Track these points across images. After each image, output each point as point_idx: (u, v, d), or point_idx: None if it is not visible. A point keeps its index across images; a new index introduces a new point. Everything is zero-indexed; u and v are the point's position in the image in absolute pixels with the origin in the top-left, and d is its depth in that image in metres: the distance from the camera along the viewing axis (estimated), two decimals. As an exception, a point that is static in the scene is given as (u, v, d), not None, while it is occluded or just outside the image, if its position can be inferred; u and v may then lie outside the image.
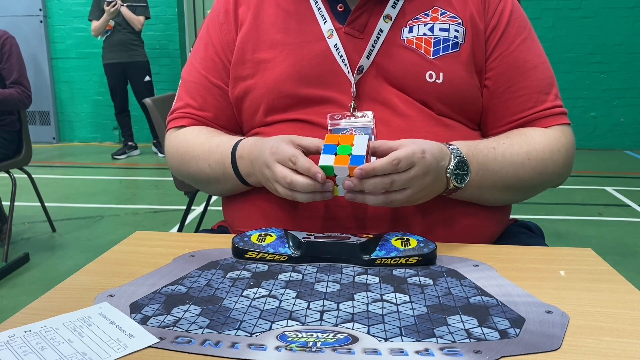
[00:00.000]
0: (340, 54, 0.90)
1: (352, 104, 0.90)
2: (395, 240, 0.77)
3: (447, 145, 0.82)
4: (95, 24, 5.33)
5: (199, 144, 0.95)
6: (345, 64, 0.90)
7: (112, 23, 5.31)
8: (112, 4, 5.19)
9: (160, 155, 5.55)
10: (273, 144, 0.80)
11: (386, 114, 0.90)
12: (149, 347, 0.55)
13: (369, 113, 0.90)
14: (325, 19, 0.92)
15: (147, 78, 5.47)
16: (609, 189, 4.28)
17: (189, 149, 0.96)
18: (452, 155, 0.81)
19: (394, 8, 0.92)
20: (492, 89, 0.93)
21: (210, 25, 1.01)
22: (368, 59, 0.90)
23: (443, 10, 0.93)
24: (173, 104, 1.04)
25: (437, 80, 0.89)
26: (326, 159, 0.75)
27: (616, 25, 5.89)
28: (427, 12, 0.92)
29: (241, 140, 0.91)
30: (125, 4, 5.26)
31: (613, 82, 6.01)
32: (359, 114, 0.90)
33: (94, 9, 5.33)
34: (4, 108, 2.76)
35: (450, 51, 0.90)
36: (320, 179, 0.74)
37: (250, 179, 0.89)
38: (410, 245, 0.76)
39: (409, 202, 0.78)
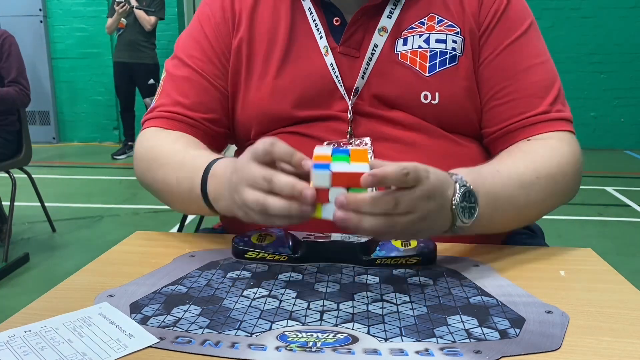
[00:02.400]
0: (336, 74, 0.86)
1: (349, 130, 0.86)
2: (396, 240, 0.77)
3: (450, 174, 0.71)
4: (108, 21, 5.35)
5: (173, 152, 0.84)
6: (342, 86, 0.86)
7: (124, 22, 5.30)
8: (122, 4, 5.18)
9: None
10: (239, 165, 0.67)
11: (386, 129, 0.86)
12: (149, 347, 0.55)
13: (367, 139, 0.85)
14: (321, 33, 0.88)
15: (151, 81, 5.43)
16: (609, 189, 4.28)
17: (159, 155, 0.86)
18: (456, 185, 0.69)
19: (390, 18, 0.87)
20: (482, 94, 0.88)
21: (204, 23, 0.94)
22: (363, 79, 0.86)
23: (440, 18, 0.87)
24: (154, 100, 0.94)
25: (432, 101, 0.84)
26: (321, 173, 0.60)
27: (616, 25, 5.90)
28: (422, 21, 0.87)
29: (221, 158, 0.79)
30: (137, 6, 5.23)
31: (613, 82, 6.02)
32: (356, 141, 0.86)
33: (112, 7, 5.35)
34: (3, 107, 2.77)
35: (447, 66, 0.85)
36: (309, 196, 0.59)
37: (220, 203, 0.76)
38: (410, 245, 0.76)
39: (409, 230, 0.64)
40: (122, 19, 5.29)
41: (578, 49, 5.96)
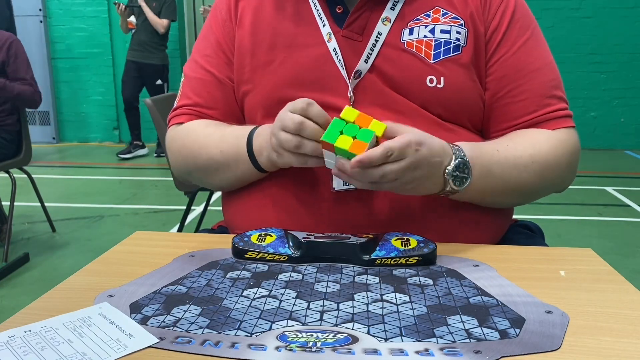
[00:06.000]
0: (338, 58, 0.88)
1: None
2: (395, 240, 0.77)
3: (451, 146, 0.80)
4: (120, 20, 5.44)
5: (208, 133, 0.94)
6: (343, 68, 0.88)
7: (133, 22, 5.34)
8: (117, 5, 5.22)
9: (154, 155, 5.55)
10: (279, 115, 0.81)
11: (386, 117, 0.86)
12: (149, 347, 0.55)
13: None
14: (324, 21, 0.91)
15: (159, 82, 5.45)
16: (609, 189, 4.28)
17: (198, 139, 0.94)
18: (454, 156, 0.79)
19: (393, 10, 0.90)
20: (493, 92, 0.91)
21: (213, 23, 1.00)
22: (366, 63, 0.88)
23: (445, 11, 0.90)
24: (176, 102, 1.02)
25: (437, 85, 0.87)
26: (330, 135, 0.73)
27: (616, 25, 5.89)
28: (428, 13, 0.90)
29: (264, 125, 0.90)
30: (139, 5, 5.23)
31: (613, 82, 6.02)
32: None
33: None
34: (19, 104, 2.80)
35: (451, 54, 0.87)
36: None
37: (262, 156, 0.86)
38: (410, 245, 0.76)
39: (396, 189, 0.77)
40: (132, 19, 5.32)
41: (578, 49, 5.96)
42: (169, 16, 5.37)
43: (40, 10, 6.27)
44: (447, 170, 0.78)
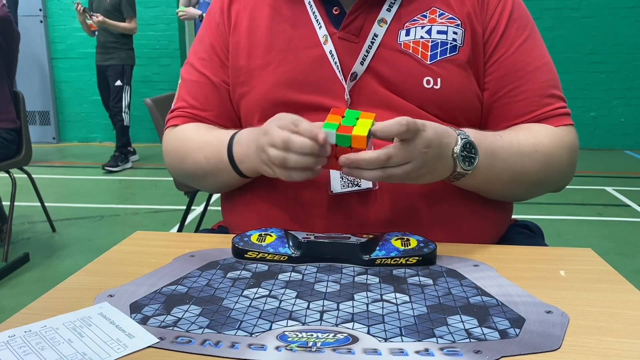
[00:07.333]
0: (335, 60, 0.88)
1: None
2: (395, 240, 0.77)
3: (453, 128, 0.80)
4: None
5: (196, 138, 0.94)
6: (340, 71, 0.88)
7: (91, 22, 5.04)
8: (76, 5, 5.00)
9: (115, 169, 5.02)
10: (266, 128, 0.79)
11: (383, 118, 0.87)
12: (149, 347, 0.55)
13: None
14: (320, 23, 0.90)
15: (118, 82, 5.08)
16: (609, 189, 4.28)
17: (185, 143, 0.95)
18: (458, 137, 0.78)
19: (389, 11, 0.90)
20: (492, 92, 0.91)
21: (208, 26, 1.00)
22: (362, 64, 0.88)
23: (441, 12, 0.90)
24: (173, 104, 1.02)
25: (434, 86, 0.87)
26: (328, 132, 0.72)
27: (616, 25, 5.89)
28: (424, 14, 0.90)
29: (239, 130, 0.90)
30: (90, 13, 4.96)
31: (613, 82, 6.01)
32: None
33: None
34: None
35: (448, 55, 0.87)
36: (321, 139, 0.72)
37: (244, 165, 0.86)
38: (410, 245, 0.76)
39: (409, 178, 0.75)
40: (91, 21, 4.96)
41: (578, 49, 5.96)
42: (133, 13, 5.04)
43: (40, 10, 6.27)
44: (455, 151, 0.78)
